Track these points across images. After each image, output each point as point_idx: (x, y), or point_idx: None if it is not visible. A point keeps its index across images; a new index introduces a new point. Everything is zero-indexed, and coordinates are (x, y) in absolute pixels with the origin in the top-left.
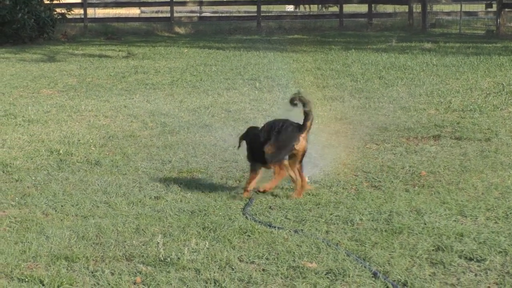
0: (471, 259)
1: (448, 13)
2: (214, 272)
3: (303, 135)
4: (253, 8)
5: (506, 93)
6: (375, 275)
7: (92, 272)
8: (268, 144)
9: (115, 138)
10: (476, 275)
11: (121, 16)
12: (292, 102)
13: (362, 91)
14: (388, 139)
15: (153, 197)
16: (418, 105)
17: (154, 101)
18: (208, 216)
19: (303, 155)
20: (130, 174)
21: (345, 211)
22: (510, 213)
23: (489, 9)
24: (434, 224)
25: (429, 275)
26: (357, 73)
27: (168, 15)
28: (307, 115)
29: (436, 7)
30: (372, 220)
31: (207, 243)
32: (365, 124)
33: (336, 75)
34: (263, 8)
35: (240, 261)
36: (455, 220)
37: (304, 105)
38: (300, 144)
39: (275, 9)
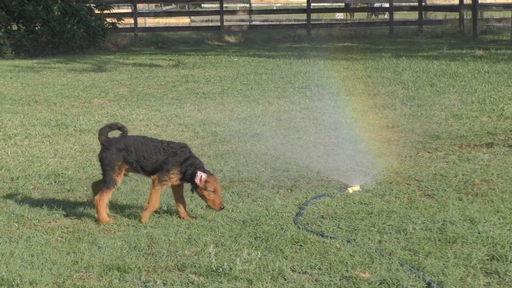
0: None
1: (499, 20)
2: (267, 283)
3: None
4: (303, 16)
5: None
6: (429, 285)
7: (144, 283)
8: None
9: None
10: None
11: (171, 26)
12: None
13: (414, 99)
14: (440, 147)
15: (204, 206)
16: (470, 113)
17: (204, 110)
18: (260, 225)
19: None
20: None
21: (398, 220)
22: None
23: None
24: (488, 233)
25: (484, 285)
26: (408, 80)
27: (218, 24)
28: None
29: (486, 14)
30: (426, 229)
31: (259, 253)
32: (417, 132)
33: (387, 83)
34: (313, 16)
35: (292, 271)
36: (509, 229)
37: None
38: None
39: (325, 17)
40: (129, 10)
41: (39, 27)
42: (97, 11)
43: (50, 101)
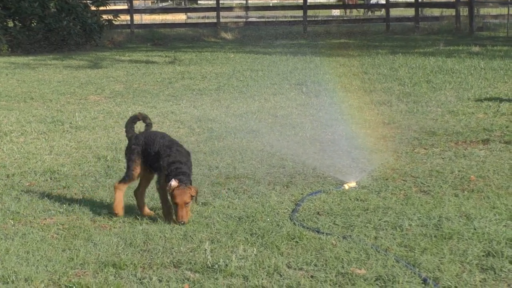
0: None
1: (496, 16)
2: (262, 279)
3: None
4: (299, 13)
5: None
6: (425, 281)
7: (140, 279)
8: None
9: None
10: None
11: (167, 22)
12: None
13: (410, 95)
14: (436, 143)
15: (200, 203)
16: (466, 109)
17: (200, 107)
18: (255, 222)
19: None
20: None
21: (394, 216)
22: None
23: None
24: (484, 229)
25: (480, 281)
26: (405, 77)
27: (215, 20)
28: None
29: (483, 11)
30: (422, 226)
31: (255, 249)
32: (413, 128)
33: (383, 79)
34: (309, 12)
35: (288, 267)
36: (505, 225)
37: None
38: None
39: (321, 13)
40: (125, 7)
41: (35, 23)
42: (93, 8)
43: (46, 98)
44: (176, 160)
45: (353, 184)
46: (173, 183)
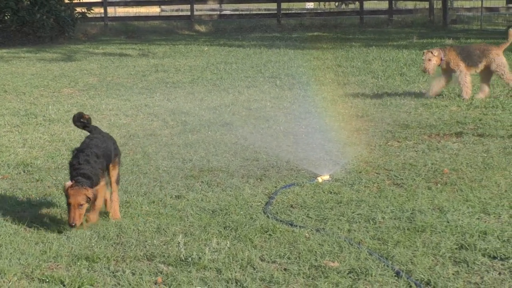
0: (494, 258)
1: (469, 9)
2: (236, 272)
3: None
4: (273, 5)
5: None
6: (398, 274)
7: (113, 272)
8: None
9: (135, 137)
10: (500, 273)
11: (141, 15)
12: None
13: (383, 88)
14: (410, 136)
15: (174, 196)
16: (440, 102)
17: (174, 100)
18: (229, 215)
19: None
20: (151, 173)
21: (367, 209)
22: None
23: (510, 5)
24: (457, 222)
25: (453, 274)
26: (378, 70)
27: (189, 13)
28: None
29: (456, 3)
30: (395, 219)
31: (228, 242)
32: (387, 121)
33: (357, 72)
34: (283, 5)
35: (261, 260)
36: (478, 218)
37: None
38: None
39: (295, 6)
40: (99, 0)
41: (8, 16)
42: (66, 1)
43: (19, 90)
44: (78, 161)
45: (326, 177)
46: (67, 183)
